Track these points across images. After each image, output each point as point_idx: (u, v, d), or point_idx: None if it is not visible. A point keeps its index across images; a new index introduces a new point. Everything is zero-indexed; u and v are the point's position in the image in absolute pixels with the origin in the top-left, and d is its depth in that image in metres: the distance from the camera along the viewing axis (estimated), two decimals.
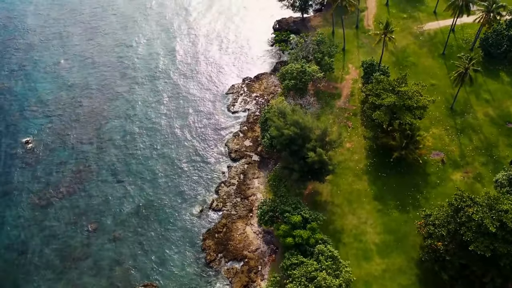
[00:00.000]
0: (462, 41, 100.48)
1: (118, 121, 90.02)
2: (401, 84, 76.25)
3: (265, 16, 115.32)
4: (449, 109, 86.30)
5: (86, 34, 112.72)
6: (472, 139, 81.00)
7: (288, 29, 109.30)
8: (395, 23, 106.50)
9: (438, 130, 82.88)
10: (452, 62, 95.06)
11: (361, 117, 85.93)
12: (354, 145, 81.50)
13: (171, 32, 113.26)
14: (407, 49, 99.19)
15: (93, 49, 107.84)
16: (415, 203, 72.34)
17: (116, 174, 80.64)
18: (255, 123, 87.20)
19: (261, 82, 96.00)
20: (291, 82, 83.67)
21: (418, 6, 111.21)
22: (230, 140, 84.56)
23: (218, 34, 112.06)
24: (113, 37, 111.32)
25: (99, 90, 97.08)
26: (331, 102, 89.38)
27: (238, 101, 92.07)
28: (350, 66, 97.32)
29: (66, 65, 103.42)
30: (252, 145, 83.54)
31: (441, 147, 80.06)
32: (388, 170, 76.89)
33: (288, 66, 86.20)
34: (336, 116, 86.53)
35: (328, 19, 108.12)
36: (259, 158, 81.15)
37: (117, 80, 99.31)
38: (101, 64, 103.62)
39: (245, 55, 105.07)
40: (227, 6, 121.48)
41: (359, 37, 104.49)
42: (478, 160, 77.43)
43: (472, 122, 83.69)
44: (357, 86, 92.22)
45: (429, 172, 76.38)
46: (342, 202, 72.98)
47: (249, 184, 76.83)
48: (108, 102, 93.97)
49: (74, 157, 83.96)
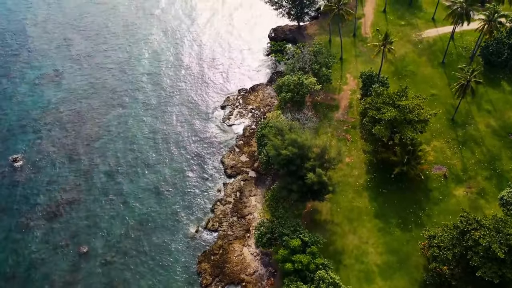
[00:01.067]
0: (461, 49, 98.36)
1: (109, 136, 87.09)
2: (402, 97, 73.87)
3: (260, 24, 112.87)
4: (450, 120, 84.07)
5: (76, 45, 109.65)
6: (474, 152, 78.79)
7: (284, 38, 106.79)
8: (392, 30, 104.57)
9: (439, 142, 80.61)
10: (452, 71, 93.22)
11: (360, 130, 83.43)
12: (353, 160, 79.05)
13: (162, 42, 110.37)
14: (406, 58, 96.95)
15: (83, 61, 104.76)
16: (417, 220, 69.97)
17: (107, 193, 77.70)
18: (251, 137, 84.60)
19: (257, 94, 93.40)
20: (288, 95, 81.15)
21: (416, 12, 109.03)
22: (226, 155, 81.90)
23: (212, 44, 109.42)
24: (105, 47, 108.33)
25: (90, 103, 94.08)
26: (329, 114, 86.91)
27: (234, 114, 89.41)
28: (348, 76, 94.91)
29: (55, 78, 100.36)
30: (249, 160, 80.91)
31: (443, 161, 77.79)
32: (389, 186, 74.50)
33: (284, 78, 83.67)
34: (335, 129, 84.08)
35: (325, 27, 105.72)
36: (256, 174, 78.53)
37: (108, 93, 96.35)
38: (91, 77, 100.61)
39: (240, 65, 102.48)
40: (220, 14, 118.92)
41: (356, 46, 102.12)
42: (481, 174, 75.20)
43: (474, 134, 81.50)
44: (355, 97, 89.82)
45: (431, 188, 74.06)
46: (342, 221, 70.49)
47: (246, 202, 74.19)
48: (99, 117, 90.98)
49: (63, 175, 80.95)
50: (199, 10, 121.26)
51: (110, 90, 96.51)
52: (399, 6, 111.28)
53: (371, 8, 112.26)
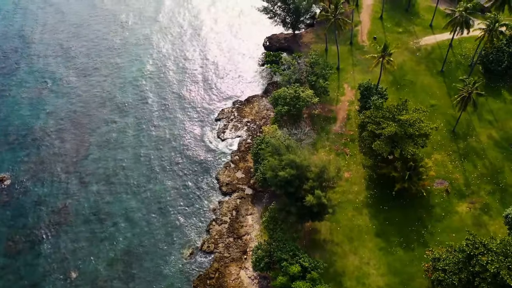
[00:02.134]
0: (460, 56, 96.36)
1: (100, 153, 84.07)
2: (402, 110, 71.59)
3: (255, 32, 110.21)
4: (451, 132, 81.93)
5: (67, 56, 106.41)
6: (476, 165, 76.67)
7: (279, 47, 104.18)
8: (390, 38, 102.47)
9: (440, 155, 78.42)
10: (451, 80, 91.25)
11: (359, 143, 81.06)
12: (352, 175, 76.66)
13: (154, 52, 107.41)
14: (404, 67, 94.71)
15: (72, 74, 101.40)
16: (420, 239, 67.71)
17: (98, 214, 74.78)
18: (247, 151, 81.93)
19: (252, 106, 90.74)
20: (284, 108, 78.65)
21: (414, 19, 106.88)
22: (221, 171, 79.18)
23: (205, 54, 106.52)
24: (96, 60, 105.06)
25: (80, 118, 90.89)
26: (327, 127, 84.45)
27: (229, 127, 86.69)
28: (345, 86, 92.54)
29: (43, 91, 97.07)
30: (245, 176, 78.24)
31: (445, 175, 75.59)
32: (390, 202, 72.20)
33: (280, 91, 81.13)
34: (333, 143, 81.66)
35: (321, 35, 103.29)
36: (252, 191, 75.90)
37: (99, 106, 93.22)
38: (79, 90, 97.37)
39: (235, 76, 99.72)
40: (211, 23, 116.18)
41: (353, 54, 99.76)
42: (484, 189, 73.09)
43: (476, 146, 79.39)
44: (353, 108, 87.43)
45: (433, 204, 71.85)
46: (343, 240, 68.07)
47: (242, 221, 71.55)
48: (89, 132, 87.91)
49: (53, 195, 77.90)
50: (190, 19, 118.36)
51: (99, 105, 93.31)
52: (396, 13, 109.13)
53: (367, 14, 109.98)
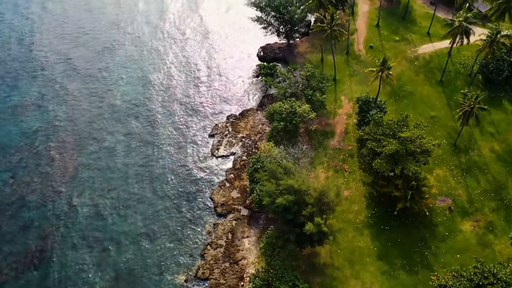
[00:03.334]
0: (459, 65, 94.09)
1: (89, 172, 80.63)
2: (402, 127, 69.02)
3: (248, 43, 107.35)
4: (452, 145, 79.52)
5: (53, 71, 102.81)
6: (479, 181, 74.29)
7: (273, 57, 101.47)
8: (387, 46, 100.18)
9: (442, 171, 75.97)
10: (450, 89, 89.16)
11: (358, 158, 78.47)
12: (352, 193, 73.97)
13: (144, 65, 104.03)
14: (402, 77, 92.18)
15: (59, 89, 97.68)
16: (423, 261, 65.13)
17: (87, 238, 71.42)
18: (242, 169, 78.96)
19: (247, 120, 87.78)
20: (280, 124, 75.81)
21: (411, 27, 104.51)
22: (216, 191, 76.13)
23: (196, 66, 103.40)
24: (84, 73, 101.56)
25: (68, 136, 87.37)
26: (324, 142, 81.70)
27: (223, 143, 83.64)
28: (342, 98, 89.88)
29: (31, 107, 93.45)
30: (240, 196, 75.27)
31: (447, 191, 73.15)
32: (391, 222, 69.60)
33: (276, 106, 78.29)
34: (331, 159, 78.91)
35: (316, 45, 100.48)
36: (248, 212, 72.91)
37: (87, 123, 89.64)
38: (68, 105, 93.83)
39: (228, 89, 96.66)
40: (203, 34, 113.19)
41: (350, 64, 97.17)
42: (488, 206, 70.73)
43: (478, 160, 77.02)
44: (351, 122, 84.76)
45: (436, 222, 69.35)
46: (343, 264, 65.32)
47: (239, 245, 68.58)
48: (78, 150, 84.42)
49: (40, 219, 74.39)
50: (183, 29, 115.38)
51: (88, 121, 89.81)
52: (393, 20, 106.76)
53: (363, 22, 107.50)
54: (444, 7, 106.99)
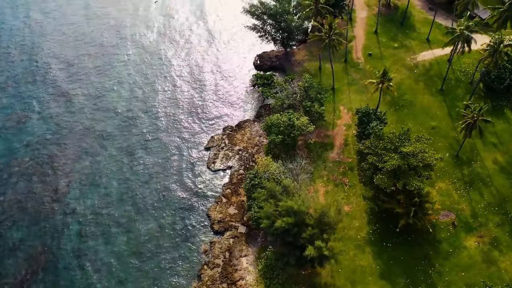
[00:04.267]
0: (460, 73, 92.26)
1: (81, 189, 78.09)
2: (404, 141, 67.00)
3: (245, 51, 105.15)
4: (454, 157, 77.57)
5: (44, 82, 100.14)
6: (483, 194, 72.41)
7: (270, 65, 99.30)
8: (386, 54, 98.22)
9: (445, 184, 74.01)
10: (451, 97, 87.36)
11: (358, 171, 76.42)
12: (353, 208, 71.87)
13: (136, 76, 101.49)
14: (402, 85, 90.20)
15: (50, 100, 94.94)
16: (427, 279, 63.17)
17: (79, 258, 68.97)
18: (239, 184, 76.69)
19: (244, 132, 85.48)
20: (278, 137, 73.60)
21: (409, 33, 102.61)
22: (212, 207, 73.82)
23: (191, 75, 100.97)
24: (75, 85, 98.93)
25: (60, 150, 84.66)
26: (323, 154, 79.56)
27: (219, 157, 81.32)
28: (341, 108, 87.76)
29: (22, 120, 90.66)
30: (237, 212, 73.00)
31: (450, 206, 71.20)
32: (393, 239, 67.55)
33: (274, 118, 76.05)
34: (330, 172, 76.79)
35: (314, 52, 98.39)
36: (246, 229, 70.62)
37: (79, 137, 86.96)
38: (60, 118, 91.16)
39: (224, 99, 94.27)
40: (198, 41, 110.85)
41: (348, 72, 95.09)
42: (493, 220, 68.84)
43: (481, 172, 75.13)
44: (350, 133, 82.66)
45: (439, 239, 67.37)
46: (345, 284, 63.23)
47: (236, 264, 66.33)
48: (70, 166, 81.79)
49: (31, 239, 71.82)
50: (179, 36, 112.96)
51: (80, 135, 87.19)
52: (391, 26, 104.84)
53: (361, 29, 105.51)
54: (443, 13, 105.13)
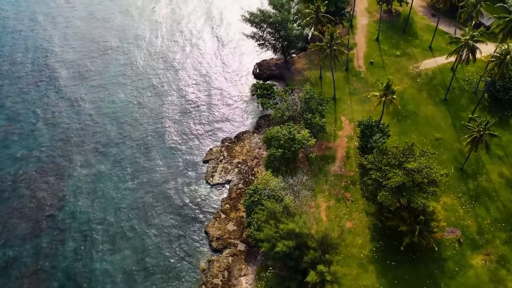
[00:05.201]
0: (464, 82, 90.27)
1: (76, 204, 75.90)
2: (409, 156, 64.92)
3: (244, 59, 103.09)
4: (459, 170, 75.57)
5: (38, 92, 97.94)
6: (489, 209, 70.41)
7: (269, 74, 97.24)
8: (388, 62, 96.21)
9: (449, 199, 71.97)
10: (455, 108, 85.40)
11: (360, 186, 74.35)
12: (355, 224, 69.78)
13: (134, 83, 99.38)
14: (404, 95, 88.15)
15: (41, 112, 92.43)
16: None
17: (74, 277, 66.82)
18: (239, 198, 74.61)
19: (243, 144, 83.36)
20: (278, 151, 71.49)
21: (412, 40, 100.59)
22: (210, 223, 71.69)
23: (188, 85, 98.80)
24: (70, 94, 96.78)
25: (54, 163, 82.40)
26: (325, 167, 77.46)
27: (218, 170, 79.17)
28: (342, 119, 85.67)
29: (13, 131, 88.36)
30: (237, 229, 70.87)
31: (456, 222, 69.17)
32: (397, 257, 65.50)
33: (274, 131, 73.94)
34: (332, 187, 74.70)
35: (314, 60, 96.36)
36: (245, 247, 68.53)
37: (74, 148, 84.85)
38: (55, 129, 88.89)
39: (223, 109, 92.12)
40: (196, 49, 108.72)
41: (350, 81, 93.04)
42: (499, 237, 66.84)
43: (487, 186, 73.13)
44: (352, 145, 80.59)
45: (445, 257, 65.33)
46: None
47: (236, 284, 64.23)
48: (65, 179, 79.61)
49: (24, 257, 69.59)
50: (175, 43, 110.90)
51: (75, 146, 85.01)
52: (393, 33, 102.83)
53: (362, 36, 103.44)
54: (446, 19, 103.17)
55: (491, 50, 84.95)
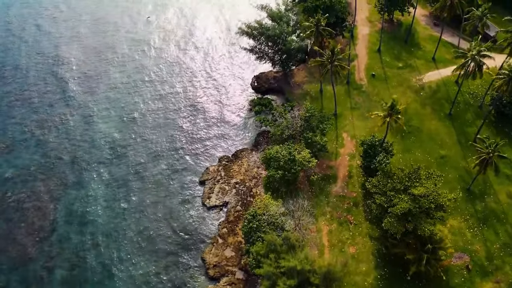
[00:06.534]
0: (468, 95, 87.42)
1: (66, 228, 72.56)
2: (415, 180, 61.90)
3: (241, 71, 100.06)
4: (466, 190, 72.62)
5: (26, 106, 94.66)
6: (498, 232, 67.50)
7: (268, 88, 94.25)
8: (390, 74, 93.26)
9: (456, 221, 69.02)
10: (460, 123, 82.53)
11: (364, 207, 71.35)
12: (359, 250, 66.73)
13: (128, 97, 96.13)
14: (408, 109, 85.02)
15: (31, 126, 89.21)
16: None
17: None
18: (237, 222, 71.49)
19: (241, 162, 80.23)
20: (278, 173, 68.44)
21: (414, 51, 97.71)
22: (207, 249, 68.51)
23: (184, 99, 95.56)
24: (65, 109, 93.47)
25: (45, 182, 79.09)
26: (326, 188, 74.39)
27: (215, 191, 76.00)
28: (344, 135, 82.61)
29: (4, 150, 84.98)
30: (235, 255, 67.75)
31: (463, 246, 66.20)
32: (404, 285, 62.45)
33: (273, 151, 70.89)
34: (334, 209, 71.64)
35: (314, 73, 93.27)
36: (244, 275, 65.43)
37: (64, 167, 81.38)
38: (47, 146, 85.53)
39: (220, 125, 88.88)
40: (192, 61, 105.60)
41: (351, 95, 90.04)
42: (509, 263, 63.91)
43: (495, 208, 70.22)
44: (354, 163, 77.56)
45: (453, 285, 62.37)
46: None
47: None
48: (54, 202, 76.24)
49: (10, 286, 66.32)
50: (170, 55, 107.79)
51: (67, 166, 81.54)
52: (395, 44, 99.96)
53: (363, 46, 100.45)
54: (449, 29, 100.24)
55: (497, 61, 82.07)
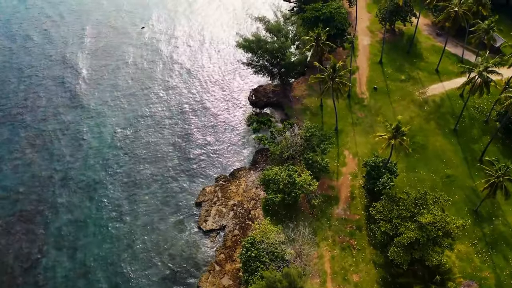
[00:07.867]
0: (474, 110, 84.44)
1: (56, 254, 69.10)
2: (422, 206, 58.89)
3: (239, 85, 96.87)
4: (473, 212, 69.67)
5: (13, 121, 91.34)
6: (507, 258, 64.55)
7: (266, 102, 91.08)
8: (392, 88, 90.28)
9: (464, 246, 66.02)
10: (465, 139, 79.59)
11: (367, 231, 68.31)
12: (362, 278, 63.64)
13: (120, 113, 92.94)
14: (412, 125, 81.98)
15: (20, 142, 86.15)
16: None
17: None
18: (234, 247, 68.29)
19: (239, 183, 77.04)
20: (277, 196, 65.39)
21: (417, 62, 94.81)
22: (204, 278, 65.25)
23: (179, 115, 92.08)
24: (55, 125, 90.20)
25: (34, 204, 75.70)
26: (328, 210, 71.30)
27: (212, 213, 72.79)
28: (346, 153, 79.51)
29: None
30: (233, 284, 64.53)
31: (472, 273, 63.21)
32: None
33: (272, 172, 67.89)
34: (336, 233, 68.55)
35: (314, 87, 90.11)
36: None
37: (53, 188, 77.93)
38: (36, 166, 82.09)
39: (216, 142, 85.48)
40: (188, 75, 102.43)
41: (352, 110, 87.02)
42: None
43: (504, 231, 67.27)
44: (357, 183, 74.54)
45: None
46: None
47: None
48: (42, 227, 72.66)
49: None
50: (165, 69, 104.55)
51: (58, 187, 78.19)
52: (397, 55, 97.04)
53: (364, 58, 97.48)
54: (452, 39, 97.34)
55: (503, 74, 79.10)
